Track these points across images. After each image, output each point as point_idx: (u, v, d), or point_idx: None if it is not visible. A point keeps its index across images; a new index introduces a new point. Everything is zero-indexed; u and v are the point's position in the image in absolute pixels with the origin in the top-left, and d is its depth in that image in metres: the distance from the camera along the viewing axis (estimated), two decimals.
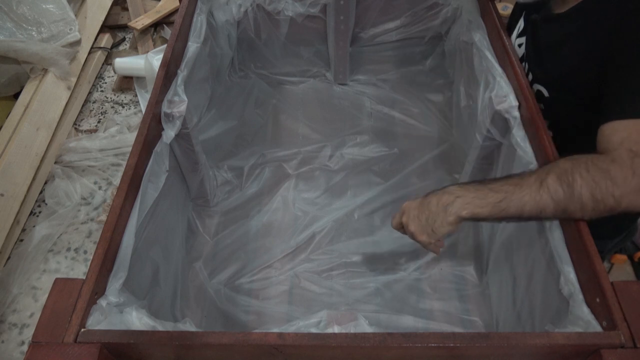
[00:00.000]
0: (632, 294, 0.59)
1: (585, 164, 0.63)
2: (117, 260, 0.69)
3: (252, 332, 0.56)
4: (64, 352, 0.56)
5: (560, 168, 0.64)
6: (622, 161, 0.62)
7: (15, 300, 1.13)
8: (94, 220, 1.28)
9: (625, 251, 1.57)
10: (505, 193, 0.66)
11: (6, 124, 1.33)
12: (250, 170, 1.28)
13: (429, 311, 1.03)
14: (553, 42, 0.84)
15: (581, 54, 0.78)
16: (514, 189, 0.66)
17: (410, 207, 0.78)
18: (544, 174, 0.65)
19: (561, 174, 0.63)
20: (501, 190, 0.67)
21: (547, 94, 0.87)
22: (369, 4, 1.34)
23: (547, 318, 0.73)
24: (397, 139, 1.37)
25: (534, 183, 0.65)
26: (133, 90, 1.65)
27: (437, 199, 0.73)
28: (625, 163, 0.62)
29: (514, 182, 0.67)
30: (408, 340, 0.56)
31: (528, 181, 0.65)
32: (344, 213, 1.18)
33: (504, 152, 0.98)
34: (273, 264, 1.11)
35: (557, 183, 0.63)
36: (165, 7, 1.81)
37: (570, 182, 0.62)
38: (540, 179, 0.64)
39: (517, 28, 0.98)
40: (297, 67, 1.50)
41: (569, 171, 0.63)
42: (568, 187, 0.62)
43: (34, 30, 1.46)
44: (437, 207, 0.73)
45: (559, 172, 0.64)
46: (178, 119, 0.90)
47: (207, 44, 1.19)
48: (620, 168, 0.62)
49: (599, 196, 0.62)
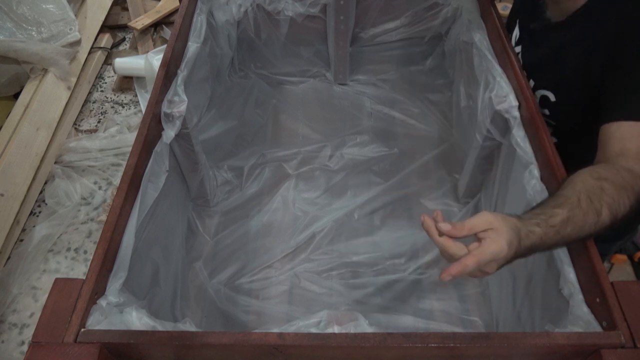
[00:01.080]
0: (632, 294, 0.59)
1: (626, 192, 0.62)
2: (117, 260, 0.69)
3: (252, 332, 0.56)
4: (64, 352, 0.56)
5: (610, 197, 0.62)
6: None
7: (15, 300, 1.13)
8: (94, 220, 1.28)
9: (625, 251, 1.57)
10: (570, 239, 0.62)
11: (6, 124, 1.33)
12: (250, 170, 1.28)
13: (429, 311, 1.03)
14: (555, 49, 0.84)
15: (584, 57, 0.78)
16: (578, 230, 0.61)
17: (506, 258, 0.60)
18: (599, 206, 0.62)
19: (611, 206, 0.62)
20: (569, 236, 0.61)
21: (553, 99, 0.87)
22: (369, 4, 1.34)
23: (547, 318, 0.73)
24: (397, 139, 1.36)
25: (592, 219, 0.61)
26: (133, 90, 1.65)
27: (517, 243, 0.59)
28: None
29: (579, 224, 0.61)
30: (408, 340, 0.55)
31: (588, 219, 0.61)
32: (344, 213, 1.18)
33: (504, 152, 0.97)
34: (273, 264, 1.11)
35: (608, 217, 0.62)
36: (165, 7, 1.81)
37: (616, 214, 0.62)
38: (597, 213, 0.62)
39: (514, 37, 0.98)
40: (297, 67, 1.50)
41: (617, 203, 0.62)
42: (614, 218, 0.62)
43: (34, 30, 1.46)
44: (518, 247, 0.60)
45: (610, 203, 0.62)
46: (178, 119, 0.90)
47: (207, 44, 1.19)
48: None
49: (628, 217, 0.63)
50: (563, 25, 0.82)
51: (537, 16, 0.88)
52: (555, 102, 0.86)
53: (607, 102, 0.72)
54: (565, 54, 0.82)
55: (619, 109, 0.69)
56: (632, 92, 0.70)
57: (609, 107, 0.71)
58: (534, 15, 0.89)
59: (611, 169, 0.65)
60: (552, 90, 0.86)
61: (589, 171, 0.65)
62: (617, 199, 0.62)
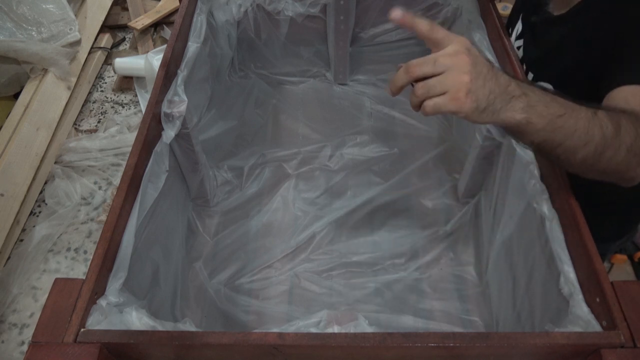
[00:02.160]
0: (632, 294, 0.59)
1: (629, 116, 0.60)
2: (117, 260, 0.69)
3: (252, 332, 0.56)
4: (64, 352, 0.56)
5: (606, 109, 0.60)
6: None
7: (15, 300, 1.13)
8: (94, 220, 1.28)
9: (625, 251, 1.58)
10: (566, 109, 0.57)
11: (6, 124, 1.33)
12: (250, 170, 1.28)
13: (429, 311, 1.03)
14: (556, 41, 0.84)
15: (585, 48, 0.78)
16: (572, 107, 0.57)
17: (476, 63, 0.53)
18: (593, 107, 0.59)
19: (610, 114, 0.59)
20: (564, 105, 0.57)
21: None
22: (369, 4, 1.34)
23: (547, 318, 0.73)
24: (397, 139, 1.36)
25: (587, 110, 0.58)
26: (133, 90, 1.65)
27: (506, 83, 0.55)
28: None
29: (569, 104, 0.58)
30: (408, 340, 0.55)
31: (581, 107, 0.58)
32: (344, 213, 1.18)
33: (504, 152, 0.98)
34: (273, 264, 1.11)
35: (607, 119, 0.58)
36: (165, 7, 1.81)
37: (618, 124, 0.59)
38: (592, 110, 0.58)
39: (516, 31, 0.98)
40: (297, 67, 1.50)
41: (615, 115, 0.59)
42: (616, 127, 0.58)
43: (34, 30, 1.46)
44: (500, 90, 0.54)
45: (607, 111, 0.59)
46: (178, 119, 0.90)
47: (207, 44, 1.19)
48: None
49: (636, 149, 0.59)
50: (564, 19, 0.82)
51: (540, 9, 0.88)
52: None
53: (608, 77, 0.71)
54: (564, 48, 0.82)
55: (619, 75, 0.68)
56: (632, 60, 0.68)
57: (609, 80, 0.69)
58: (536, 9, 0.89)
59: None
60: (550, 83, 0.86)
61: None
62: (615, 115, 0.60)
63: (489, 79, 0.54)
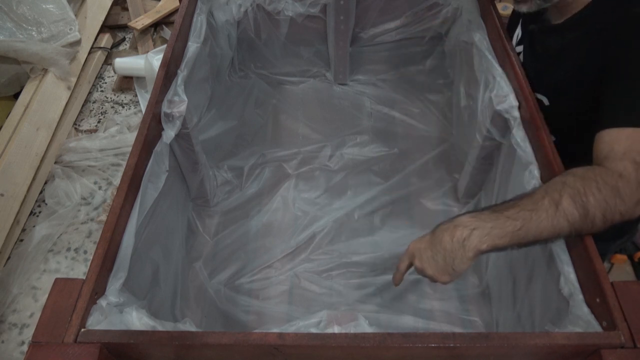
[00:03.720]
0: (632, 294, 0.59)
1: (596, 183, 0.62)
2: (117, 260, 0.69)
3: (252, 332, 0.56)
4: (64, 352, 0.56)
5: (573, 188, 0.62)
6: (628, 175, 0.62)
7: (15, 300, 1.13)
8: (94, 220, 1.28)
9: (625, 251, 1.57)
10: (522, 220, 0.62)
11: (6, 124, 1.33)
12: (250, 170, 1.28)
13: (429, 311, 1.03)
14: (552, 52, 0.84)
15: (580, 62, 0.78)
16: (530, 214, 0.62)
17: (420, 249, 0.70)
18: (557, 196, 0.62)
19: (575, 196, 0.62)
20: (518, 217, 0.63)
21: (547, 103, 0.87)
22: (369, 4, 1.34)
23: (547, 318, 0.73)
24: (397, 139, 1.36)
25: (549, 207, 0.62)
26: (133, 90, 1.65)
27: (450, 235, 0.65)
28: (632, 177, 0.62)
29: (528, 207, 0.63)
30: (408, 340, 0.55)
31: (542, 205, 0.62)
32: (344, 213, 1.18)
33: (504, 152, 0.98)
34: (273, 264, 1.11)
35: (572, 206, 0.61)
36: (165, 7, 1.81)
37: (585, 204, 0.61)
38: (555, 202, 0.62)
39: (516, 36, 0.98)
40: (297, 67, 1.50)
41: (582, 192, 0.62)
42: (583, 209, 0.61)
43: (34, 30, 1.46)
44: (452, 244, 0.65)
45: (572, 193, 0.62)
46: (178, 119, 0.90)
47: (207, 44, 1.19)
48: (628, 183, 0.62)
49: (609, 215, 0.62)
50: (560, 29, 0.82)
51: (538, 17, 0.88)
52: (549, 106, 0.87)
53: (599, 113, 0.72)
54: (560, 60, 0.82)
55: (608, 116, 0.70)
56: (622, 99, 0.70)
57: (601, 117, 0.71)
58: (534, 16, 0.89)
59: (584, 167, 0.66)
60: (545, 95, 0.87)
61: (561, 173, 0.67)
62: (581, 190, 0.62)
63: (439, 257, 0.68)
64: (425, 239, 0.70)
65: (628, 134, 0.66)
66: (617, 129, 0.67)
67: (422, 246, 0.70)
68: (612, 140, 0.67)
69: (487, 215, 0.65)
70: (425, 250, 0.69)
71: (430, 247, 0.69)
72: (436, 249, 0.68)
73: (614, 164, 0.64)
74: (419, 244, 0.71)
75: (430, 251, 0.68)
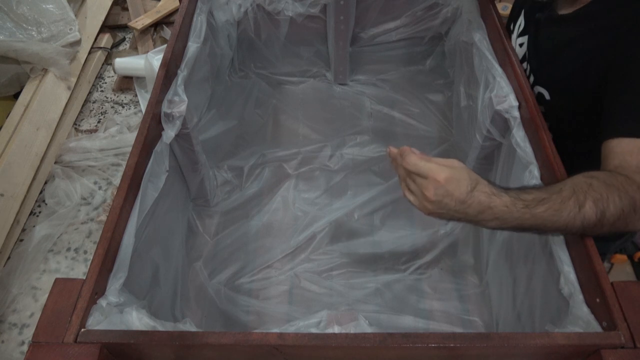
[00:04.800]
0: (632, 294, 0.59)
1: (618, 191, 0.62)
2: (117, 260, 0.69)
3: (252, 332, 0.56)
4: (64, 352, 0.56)
5: (597, 192, 0.62)
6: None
7: (15, 300, 1.13)
8: (94, 220, 1.28)
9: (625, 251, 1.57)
10: (543, 220, 0.63)
11: (6, 124, 1.33)
12: (250, 170, 1.28)
13: (429, 311, 1.03)
14: (556, 44, 0.83)
15: (584, 58, 0.77)
16: (553, 214, 0.62)
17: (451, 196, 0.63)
18: (582, 198, 0.62)
19: (598, 201, 0.62)
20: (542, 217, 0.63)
21: (548, 97, 0.86)
22: (369, 4, 1.34)
23: (547, 318, 0.73)
24: (397, 139, 1.36)
25: (572, 208, 0.62)
26: (133, 90, 1.65)
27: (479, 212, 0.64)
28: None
29: (555, 207, 0.62)
30: (408, 340, 0.55)
31: (568, 205, 0.62)
32: (344, 213, 1.18)
33: (504, 152, 0.97)
34: (273, 264, 1.11)
35: (592, 210, 0.62)
36: (165, 7, 1.81)
37: (604, 211, 0.61)
38: (579, 204, 0.62)
39: (518, 27, 0.97)
40: (297, 67, 1.50)
41: (605, 198, 0.62)
42: (601, 214, 0.62)
43: (34, 30, 1.46)
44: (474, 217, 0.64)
45: (596, 197, 0.62)
46: (178, 119, 0.90)
47: (207, 44, 1.19)
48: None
49: (618, 224, 0.62)
50: (569, 19, 0.81)
51: (544, 6, 0.87)
52: (550, 100, 0.86)
53: (609, 118, 0.71)
54: (563, 53, 0.81)
55: (620, 125, 0.69)
56: (633, 108, 0.69)
57: (611, 123, 0.70)
58: (541, 5, 0.88)
59: (606, 172, 0.65)
60: (546, 88, 0.86)
61: (583, 173, 0.66)
62: (605, 195, 0.62)
63: (454, 211, 0.64)
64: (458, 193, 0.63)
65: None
66: (628, 139, 0.67)
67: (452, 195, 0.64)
68: (623, 151, 0.67)
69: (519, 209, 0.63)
70: (450, 199, 0.64)
71: (457, 205, 0.64)
72: (458, 209, 0.64)
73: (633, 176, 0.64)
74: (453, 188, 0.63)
75: (454, 205, 0.64)
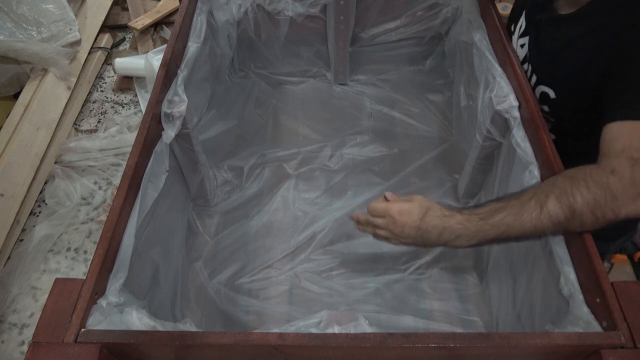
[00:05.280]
0: (632, 294, 0.59)
1: (584, 181, 0.62)
2: (117, 260, 0.69)
3: (252, 332, 0.56)
4: (64, 352, 0.56)
5: (560, 188, 0.63)
6: (622, 171, 0.62)
7: (15, 300, 1.13)
8: (94, 220, 1.28)
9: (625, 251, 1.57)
10: (506, 227, 0.66)
11: (6, 124, 1.33)
12: (250, 170, 1.28)
13: (429, 311, 1.03)
14: (558, 44, 0.83)
15: (585, 57, 0.78)
16: (514, 219, 0.65)
17: (404, 226, 0.74)
18: (543, 197, 0.63)
19: (561, 196, 0.62)
20: (502, 224, 0.66)
21: (553, 96, 0.86)
22: (369, 4, 1.34)
23: (547, 318, 0.73)
24: (397, 139, 1.36)
25: (534, 209, 0.64)
26: (133, 90, 1.65)
27: (438, 235, 0.72)
28: (626, 173, 0.61)
29: (514, 212, 0.65)
30: (408, 340, 0.56)
31: (528, 207, 0.64)
32: (344, 213, 1.18)
33: (504, 152, 0.98)
34: (273, 264, 1.11)
35: (557, 206, 0.62)
36: (165, 7, 1.81)
37: (571, 203, 0.62)
38: (541, 204, 0.63)
39: (519, 28, 0.97)
40: (297, 67, 1.50)
41: (569, 192, 0.62)
42: (569, 208, 0.62)
43: (34, 30, 1.46)
44: (435, 240, 0.72)
45: (559, 193, 0.63)
46: (178, 119, 0.90)
47: (207, 44, 1.19)
48: (620, 179, 0.61)
49: (599, 213, 0.62)
50: (570, 19, 0.81)
51: (546, 7, 0.87)
52: (555, 99, 0.86)
53: (604, 108, 0.72)
54: (567, 52, 0.81)
55: (611, 111, 0.69)
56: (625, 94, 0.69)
57: (605, 112, 0.71)
58: (542, 6, 0.88)
59: (577, 167, 0.66)
60: (551, 87, 0.86)
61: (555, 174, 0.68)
62: (569, 190, 0.62)
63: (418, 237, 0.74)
64: (411, 221, 0.74)
65: (629, 130, 0.66)
66: (619, 122, 0.67)
67: (407, 225, 0.74)
68: (612, 136, 0.67)
69: (474, 222, 0.68)
70: (408, 229, 0.74)
71: (415, 231, 0.73)
72: (418, 235, 0.73)
73: (609, 161, 0.64)
74: (405, 218, 0.74)
75: (413, 233, 0.73)
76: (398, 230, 0.75)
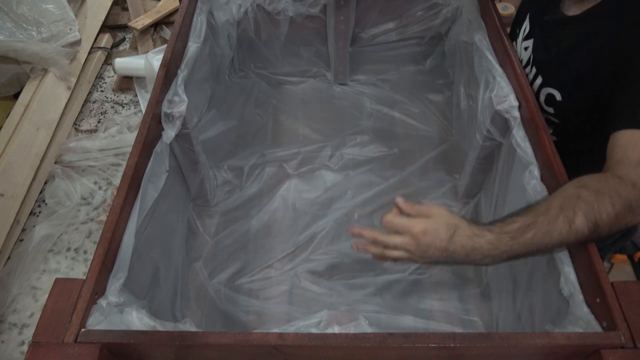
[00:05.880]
0: (632, 294, 0.59)
1: (610, 197, 0.61)
2: (117, 260, 0.69)
3: (252, 332, 0.56)
4: (64, 352, 0.56)
5: (587, 205, 0.61)
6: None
7: (15, 300, 1.13)
8: (94, 220, 1.28)
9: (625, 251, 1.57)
10: (535, 246, 0.63)
11: (6, 124, 1.33)
12: (250, 170, 1.28)
13: (429, 311, 1.03)
14: (566, 45, 0.83)
15: (595, 57, 0.77)
16: (543, 237, 0.62)
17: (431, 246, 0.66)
18: (571, 214, 0.61)
19: (588, 213, 0.61)
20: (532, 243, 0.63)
21: (559, 98, 0.85)
22: (369, 4, 1.34)
23: (547, 318, 0.73)
24: (397, 139, 1.36)
25: (563, 226, 0.62)
26: (133, 90, 1.65)
27: (465, 255, 0.65)
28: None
29: (542, 229, 0.62)
30: (408, 340, 0.56)
31: (557, 225, 0.62)
32: (344, 213, 1.18)
33: (504, 152, 0.98)
34: (273, 264, 1.11)
35: (584, 224, 0.61)
36: (165, 7, 1.81)
37: (597, 220, 0.61)
38: (569, 221, 0.61)
39: (523, 31, 0.97)
40: (297, 67, 1.50)
41: (596, 208, 0.61)
42: (594, 225, 0.61)
43: (34, 30, 1.46)
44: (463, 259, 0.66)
45: (586, 210, 0.61)
46: (178, 119, 0.90)
47: (207, 44, 1.19)
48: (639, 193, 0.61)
49: (615, 228, 0.62)
50: (576, 21, 0.80)
51: (552, 9, 0.86)
52: (561, 101, 0.86)
53: (615, 111, 0.71)
54: (574, 54, 0.80)
55: (625, 117, 0.68)
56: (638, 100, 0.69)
57: (616, 116, 0.70)
58: (548, 8, 0.88)
59: (599, 177, 0.65)
60: (558, 89, 0.85)
61: (575, 180, 0.65)
62: (596, 206, 0.61)
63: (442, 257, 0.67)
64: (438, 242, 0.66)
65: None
66: (632, 130, 0.66)
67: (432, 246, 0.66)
68: (626, 143, 0.66)
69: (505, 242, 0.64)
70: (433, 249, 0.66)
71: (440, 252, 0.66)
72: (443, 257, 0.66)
73: (628, 172, 0.63)
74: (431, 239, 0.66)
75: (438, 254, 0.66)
76: (420, 252, 0.67)
